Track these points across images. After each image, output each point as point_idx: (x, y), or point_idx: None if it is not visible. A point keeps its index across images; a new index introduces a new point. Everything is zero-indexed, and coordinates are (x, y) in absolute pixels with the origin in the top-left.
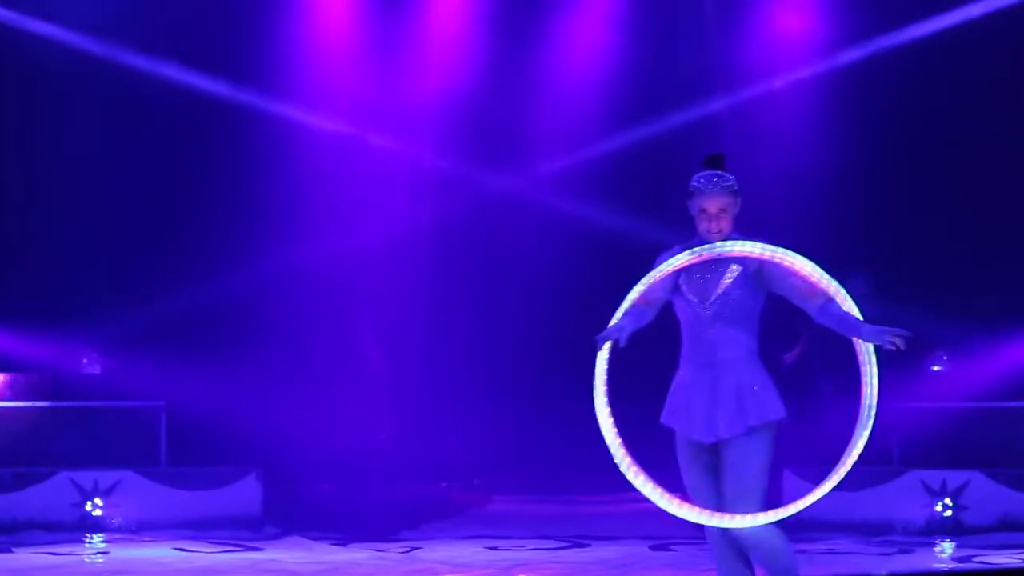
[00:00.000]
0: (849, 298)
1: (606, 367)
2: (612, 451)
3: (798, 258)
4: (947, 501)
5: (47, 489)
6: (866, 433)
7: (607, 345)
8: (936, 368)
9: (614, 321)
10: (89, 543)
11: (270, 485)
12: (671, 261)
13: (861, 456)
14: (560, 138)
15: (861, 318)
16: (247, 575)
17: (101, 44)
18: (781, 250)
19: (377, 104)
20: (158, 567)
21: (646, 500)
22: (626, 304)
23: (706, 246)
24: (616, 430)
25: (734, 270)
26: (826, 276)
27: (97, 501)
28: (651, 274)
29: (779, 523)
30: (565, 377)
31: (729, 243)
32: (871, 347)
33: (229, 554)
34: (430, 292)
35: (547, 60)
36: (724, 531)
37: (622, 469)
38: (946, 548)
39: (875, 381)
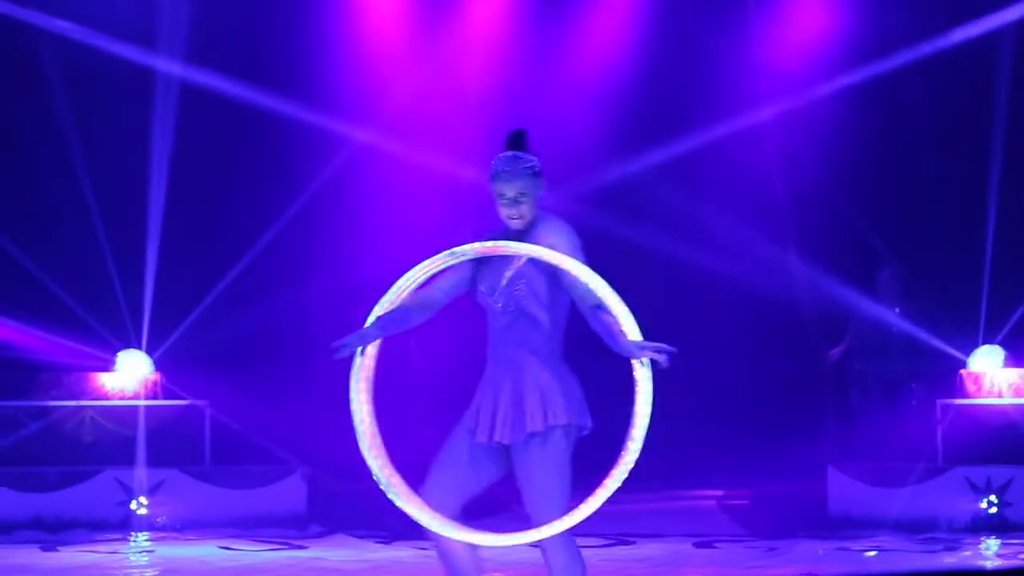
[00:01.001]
0: (629, 315)
1: (364, 374)
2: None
3: (576, 265)
4: (992, 498)
5: (92, 488)
6: (632, 457)
7: (359, 352)
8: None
9: (369, 323)
10: (134, 541)
11: (315, 483)
12: (425, 263)
13: (906, 453)
14: (596, 153)
15: (632, 335)
16: (292, 573)
17: (150, 54)
18: (556, 254)
19: (421, 120)
20: (203, 565)
21: (691, 498)
22: (381, 308)
23: (468, 246)
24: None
25: (522, 258)
26: (604, 287)
27: (142, 499)
28: (410, 274)
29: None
30: (607, 377)
31: (493, 243)
32: (646, 366)
33: (274, 552)
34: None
35: (585, 73)
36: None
37: (377, 479)
38: (991, 545)
39: (647, 401)
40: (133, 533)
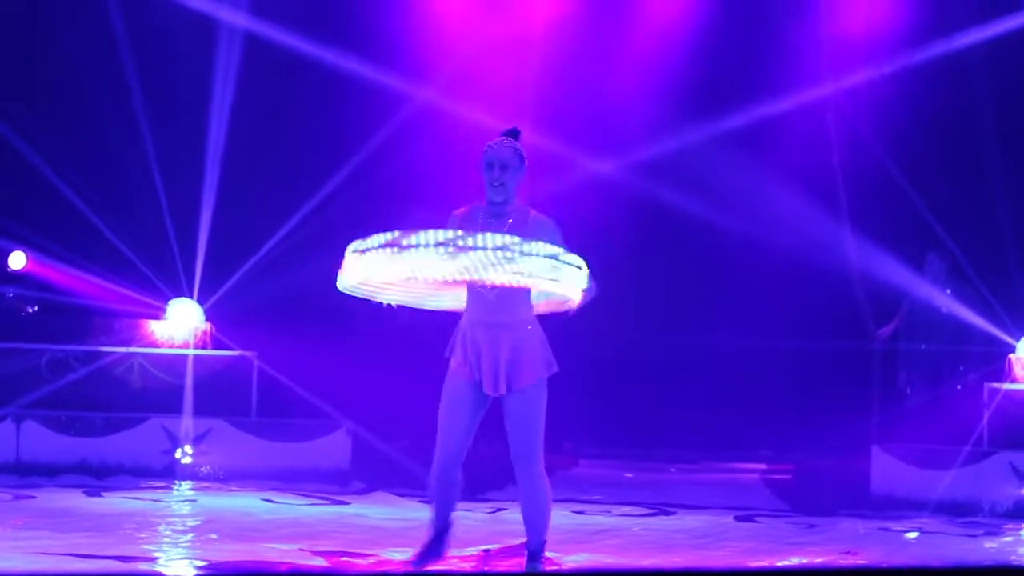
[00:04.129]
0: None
1: None
2: None
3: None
4: None
5: (138, 435)
6: None
7: None
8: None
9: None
10: (177, 490)
11: (359, 440)
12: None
13: (951, 435)
14: (654, 123)
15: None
16: (332, 528)
17: (214, 4)
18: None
19: (479, 81)
20: (245, 516)
21: (732, 471)
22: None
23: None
24: None
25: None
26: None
27: (187, 448)
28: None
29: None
30: (655, 348)
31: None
32: None
33: (315, 507)
34: None
35: (645, 42)
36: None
37: None
38: None
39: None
40: (177, 481)
